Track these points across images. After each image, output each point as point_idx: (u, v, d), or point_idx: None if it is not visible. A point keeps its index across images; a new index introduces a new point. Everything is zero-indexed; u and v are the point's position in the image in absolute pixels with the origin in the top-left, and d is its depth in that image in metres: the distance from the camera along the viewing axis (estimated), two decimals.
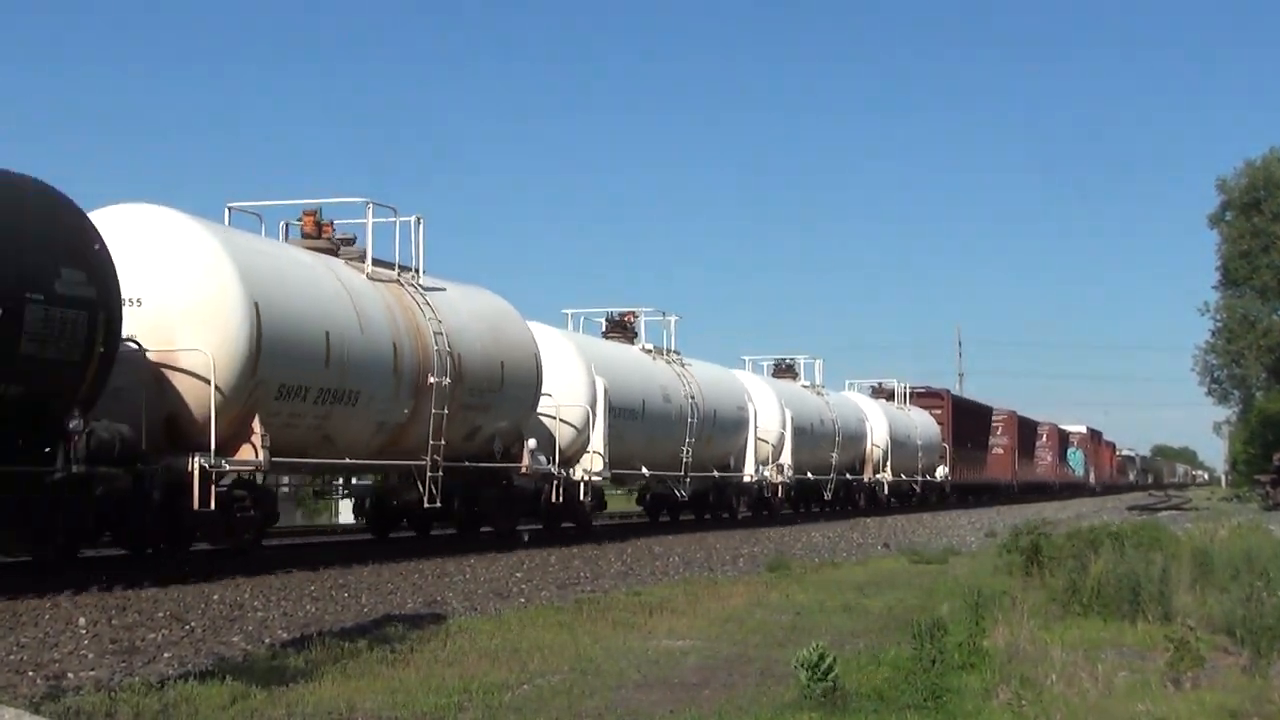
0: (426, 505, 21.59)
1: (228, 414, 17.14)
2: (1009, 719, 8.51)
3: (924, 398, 56.54)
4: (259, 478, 19.01)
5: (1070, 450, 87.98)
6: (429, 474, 21.17)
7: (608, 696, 9.29)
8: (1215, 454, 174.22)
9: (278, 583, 16.29)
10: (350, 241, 21.56)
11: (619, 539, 26.24)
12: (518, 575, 18.04)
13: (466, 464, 22.63)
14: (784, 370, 43.11)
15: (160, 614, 13.06)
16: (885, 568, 21.53)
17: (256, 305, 17.56)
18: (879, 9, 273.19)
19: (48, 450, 14.96)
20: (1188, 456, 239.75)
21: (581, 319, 28.35)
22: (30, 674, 9.68)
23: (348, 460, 20.31)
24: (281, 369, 18.05)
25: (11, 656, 10.42)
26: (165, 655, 10.72)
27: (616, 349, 30.22)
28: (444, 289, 22.76)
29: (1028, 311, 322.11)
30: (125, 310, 16.12)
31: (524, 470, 24.29)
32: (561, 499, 26.19)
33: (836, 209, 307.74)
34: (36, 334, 14.59)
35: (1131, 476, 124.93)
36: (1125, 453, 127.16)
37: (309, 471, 22.51)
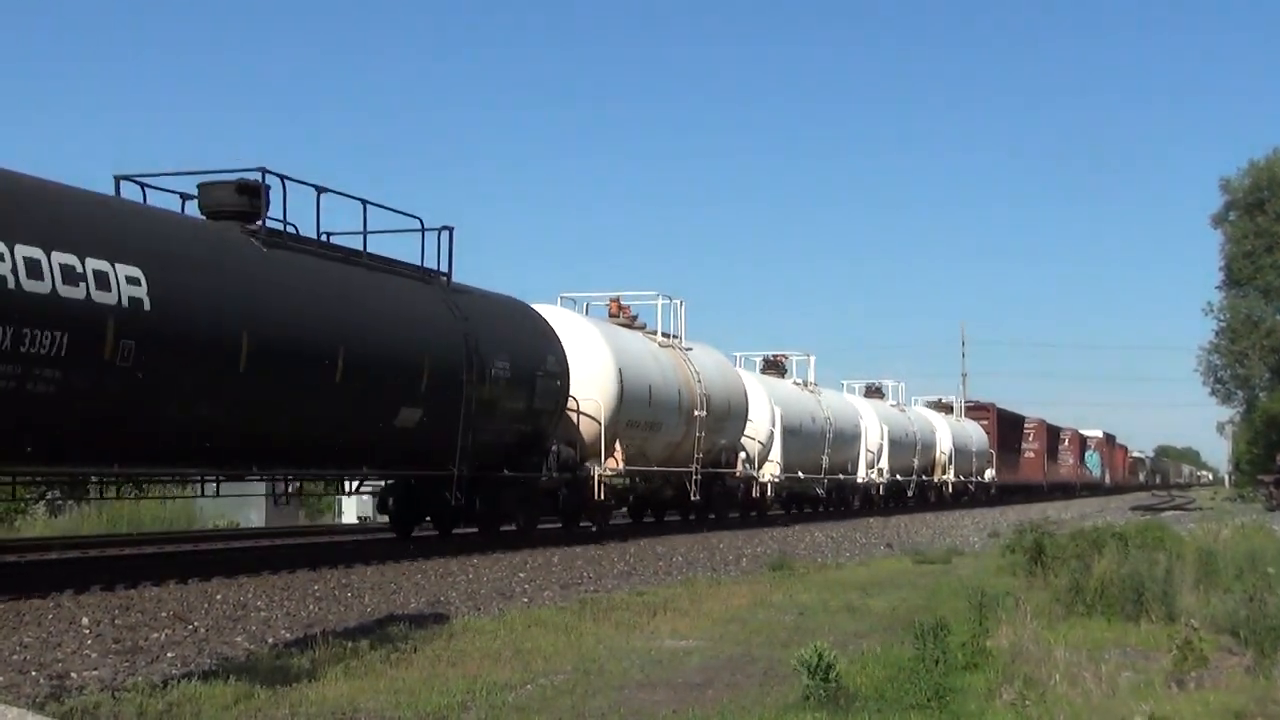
0: (694, 499, 31.31)
1: (607, 439, 26.93)
2: (1012, 719, 8.50)
3: (974, 410, 66.59)
4: (618, 480, 28.41)
5: (1088, 453, 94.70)
6: (695, 478, 30.96)
7: (611, 696, 9.29)
8: (1218, 454, 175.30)
9: (281, 582, 16.29)
10: (633, 316, 31.36)
11: (621, 539, 26.24)
12: (521, 575, 18.04)
13: (710, 470, 31.92)
14: (873, 391, 52.55)
15: (163, 613, 13.06)
16: (888, 568, 21.52)
17: (620, 371, 27.34)
18: (884, 5, 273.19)
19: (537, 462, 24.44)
20: (1191, 457, 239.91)
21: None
22: (33, 673, 9.68)
23: (655, 468, 29.78)
24: (631, 410, 27.80)
25: (15, 656, 10.42)
26: (169, 655, 10.72)
27: (781, 384, 40.96)
28: (692, 348, 32.55)
29: (1030, 311, 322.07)
30: None
31: (737, 474, 34.22)
32: (756, 494, 37.32)
33: (839, 208, 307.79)
34: (539, 394, 24.13)
35: (1141, 477, 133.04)
36: (1136, 455, 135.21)
37: (638, 475, 29.85)
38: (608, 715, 8.67)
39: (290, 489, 22.46)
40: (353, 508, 35.31)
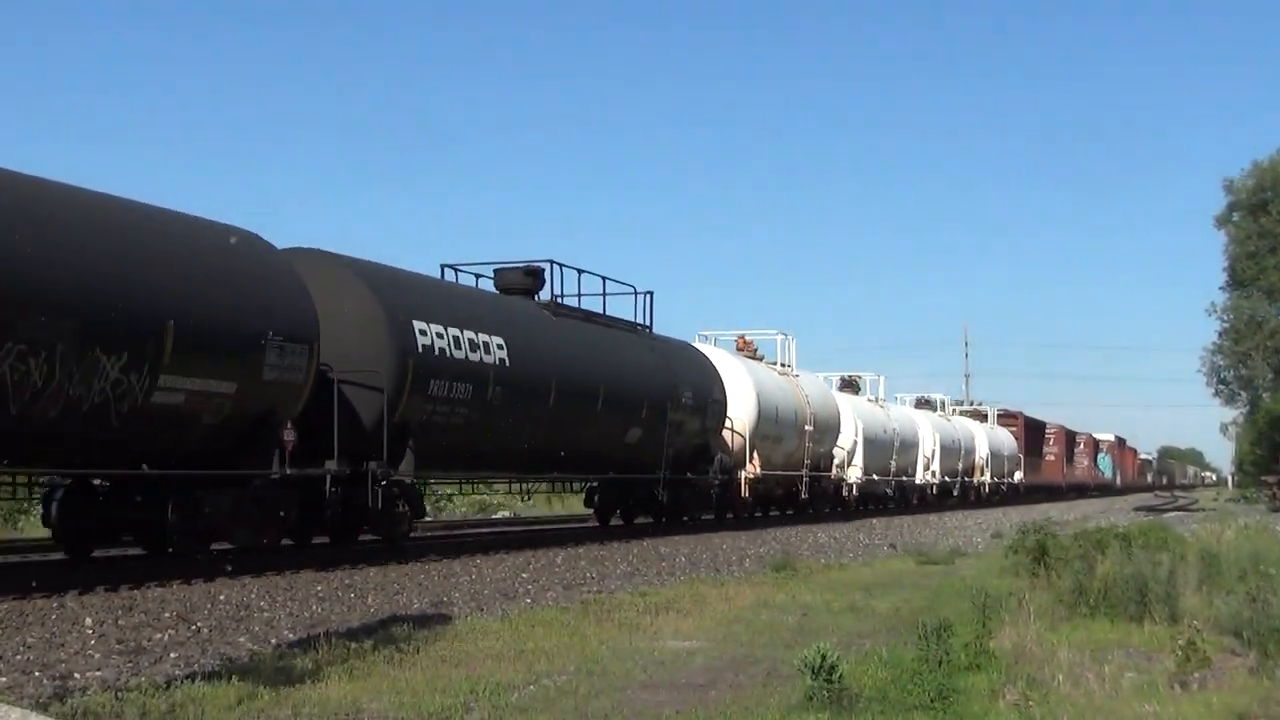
0: (803, 497, 39.27)
1: (749, 450, 34.44)
2: None
3: (1004, 418, 72.59)
4: (757, 482, 35.13)
5: (1101, 456, 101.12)
6: (804, 480, 38.77)
7: (614, 697, 9.29)
8: (1221, 455, 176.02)
9: (284, 583, 16.30)
10: (755, 349, 39.20)
11: (625, 539, 26.25)
12: (524, 576, 18.05)
13: (813, 473, 39.52)
14: (924, 403, 61.05)
15: (167, 614, 13.07)
16: (891, 569, 21.52)
17: (758, 396, 34.81)
18: (888, 6, 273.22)
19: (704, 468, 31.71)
20: (1194, 457, 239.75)
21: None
22: (37, 674, 9.69)
23: (778, 472, 36.76)
24: (764, 426, 35.28)
25: (18, 656, 10.43)
26: (172, 655, 10.73)
27: (859, 400, 48.02)
28: (800, 375, 40.53)
29: (1032, 312, 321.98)
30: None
31: (831, 476, 42.08)
32: (845, 493, 44.36)
33: (843, 208, 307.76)
34: (709, 416, 31.38)
35: (1149, 478, 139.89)
36: (1144, 457, 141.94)
37: (769, 478, 36.09)
38: (610, 716, 8.68)
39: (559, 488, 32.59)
40: None
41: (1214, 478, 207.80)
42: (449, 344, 21.29)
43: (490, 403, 22.18)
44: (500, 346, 22.65)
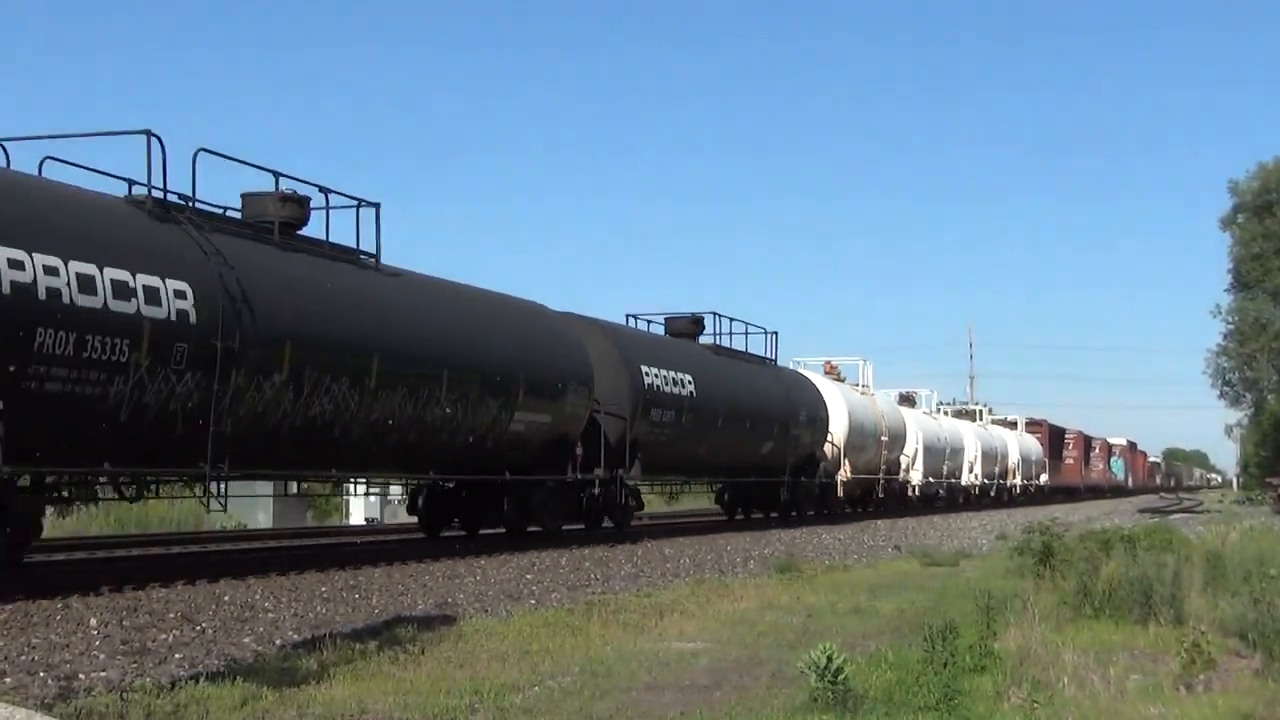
0: (879, 496, 46.69)
1: (843, 456, 41.29)
2: None
3: (1031, 426, 79.92)
4: (850, 484, 42.47)
5: (1114, 459, 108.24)
6: (880, 482, 46.27)
7: (619, 698, 9.29)
8: (1226, 457, 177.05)
9: (288, 583, 16.29)
10: (838, 372, 46.17)
11: (631, 540, 26.23)
12: (528, 577, 18.03)
13: (886, 476, 46.96)
14: (965, 414, 69.09)
15: (171, 615, 13.07)
16: (896, 570, 21.51)
17: (849, 413, 41.69)
18: (902, 11, 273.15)
19: (812, 471, 39.15)
20: (1199, 459, 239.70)
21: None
22: (42, 674, 9.69)
23: (861, 475, 43.95)
24: (853, 437, 42.22)
25: (23, 657, 10.43)
26: (176, 656, 10.73)
27: (917, 413, 54.74)
28: (875, 394, 48.35)
29: (1035, 314, 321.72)
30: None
31: (899, 479, 49.40)
32: (909, 493, 51.52)
33: (848, 208, 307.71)
34: (817, 430, 38.96)
35: (1158, 479, 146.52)
36: (1153, 459, 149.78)
37: (854, 481, 43.22)
38: (615, 717, 8.67)
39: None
40: (360, 509, 35.38)
41: (1219, 479, 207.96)
42: (662, 381, 28.48)
43: (683, 425, 29.44)
44: (691, 383, 30.07)
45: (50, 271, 14.29)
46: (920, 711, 8.60)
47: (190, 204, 17.15)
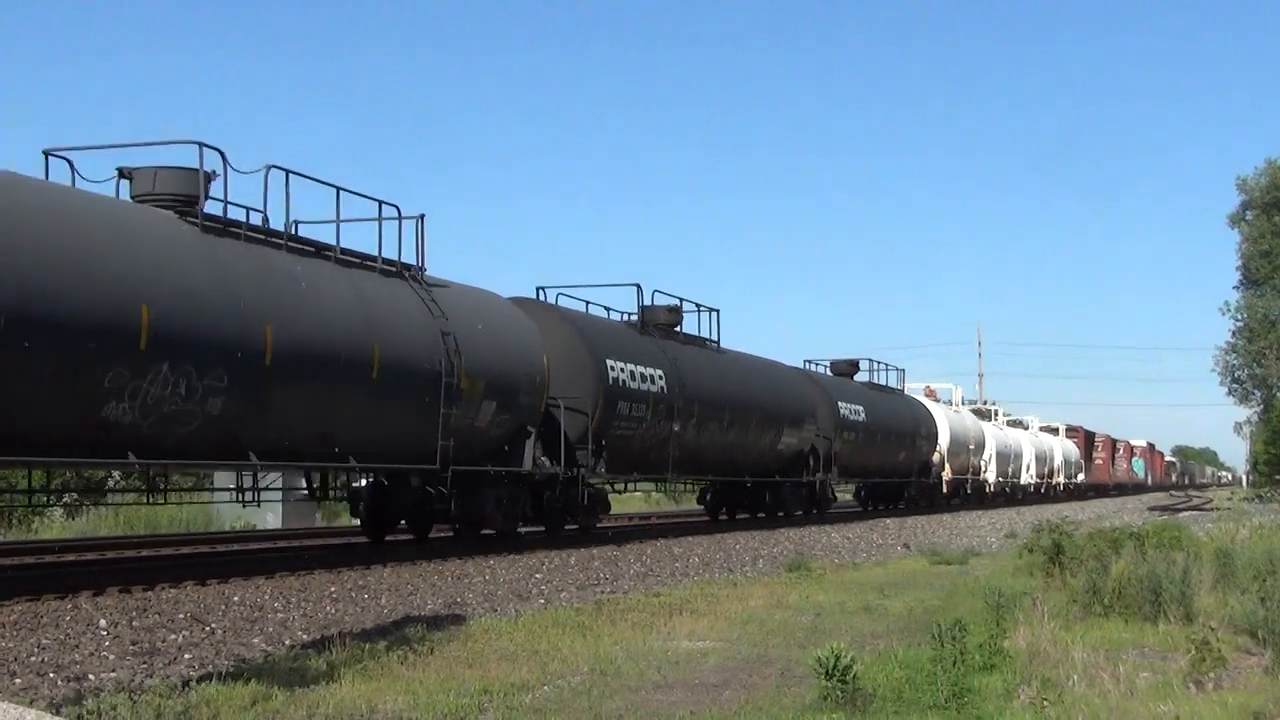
0: (968, 493, 56.49)
1: (944, 461, 51.45)
2: None
3: (1070, 431, 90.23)
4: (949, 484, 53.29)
5: (1135, 459, 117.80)
6: (969, 480, 54.50)
7: (628, 697, 9.29)
8: (1234, 454, 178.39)
9: (298, 583, 16.31)
10: (934, 393, 58.04)
11: (638, 539, 26.23)
12: (537, 576, 18.04)
13: (972, 477, 55.95)
14: (1017, 423, 78.39)
15: (180, 615, 13.09)
16: (905, 569, 21.49)
17: (950, 428, 53.01)
18: (912, 12, 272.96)
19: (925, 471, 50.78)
20: (1208, 457, 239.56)
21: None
22: (52, 675, 9.71)
23: (957, 476, 53.14)
24: (953, 447, 52.61)
25: (33, 658, 10.45)
26: (186, 656, 10.74)
27: (990, 424, 66.08)
28: (962, 410, 58.51)
29: (1044, 311, 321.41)
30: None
31: (980, 478, 58.45)
32: (987, 490, 60.99)
33: (854, 208, 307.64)
34: (926, 442, 50.13)
35: (1174, 477, 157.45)
36: (1170, 459, 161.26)
37: (953, 481, 53.83)
38: (624, 716, 8.67)
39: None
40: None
41: (1229, 477, 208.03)
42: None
43: (859, 442, 36.88)
44: (861, 411, 39.32)
45: (622, 369, 26.62)
46: (930, 710, 8.60)
47: (653, 326, 29.99)
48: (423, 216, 21.58)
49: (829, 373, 43.95)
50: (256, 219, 18.45)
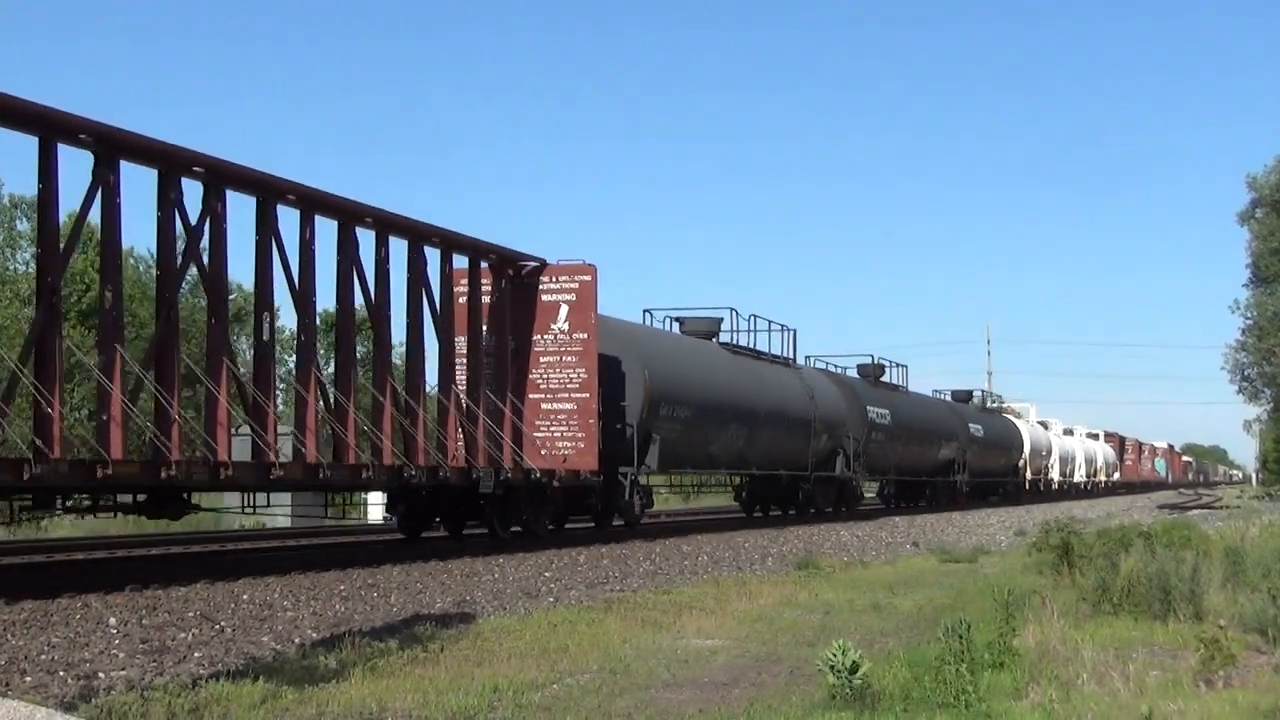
0: (1041, 489, 74.55)
1: (1027, 465, 71.75)
2: (1039, 718, 8.47)
3: (1108, 436, 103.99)
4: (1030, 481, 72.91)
5: (1157, 459, 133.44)
6: (1043, 479, 75.90)
7: (637, 696, 9.29)
8: (1244, 452, 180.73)
9: (307, 582, 16.33)
10: (1015, 411, 77.14)
11: (645, 538, 26.24)
12: (546, 575, 18.05)
13: (1044, 476, 77.72)
14: (1066, 432, 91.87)
15: (190, 614, 13.11)
16: (915, 567, 21.48)
17: (1030, 439, 70.30)
18: (921, 5, 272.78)
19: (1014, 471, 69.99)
20: (1218, 455, 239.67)
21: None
22: (61, 673, 9.72)
23: (1035, 476, 74.37)
24: (1032, 451, 71.08)
25: (43, 656, 10.48)
26: (196, 655, 10.76)
27: (1051, 433, 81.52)
28: (1034, 423, 76.63)
29: (1048, 309, 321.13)
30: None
31: (1049, 477, 77.45)
32: (1054, 487, 78.67)
33: (860, 207, 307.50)
34: (1010, 453, 67.95)
35: (1190, 475, 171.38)
36: (1186, 459, 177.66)
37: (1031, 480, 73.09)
38: (634, 714, 8.67)
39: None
40: (380, 507, 35.26)
41: (1240, 475, 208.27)
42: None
43: (967, 459, 48.59)
44: (975, 431, 54.28)
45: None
46: (938, 708, 8.59)
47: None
48: (795, 331, 39.69)
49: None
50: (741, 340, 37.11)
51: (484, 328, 25.02)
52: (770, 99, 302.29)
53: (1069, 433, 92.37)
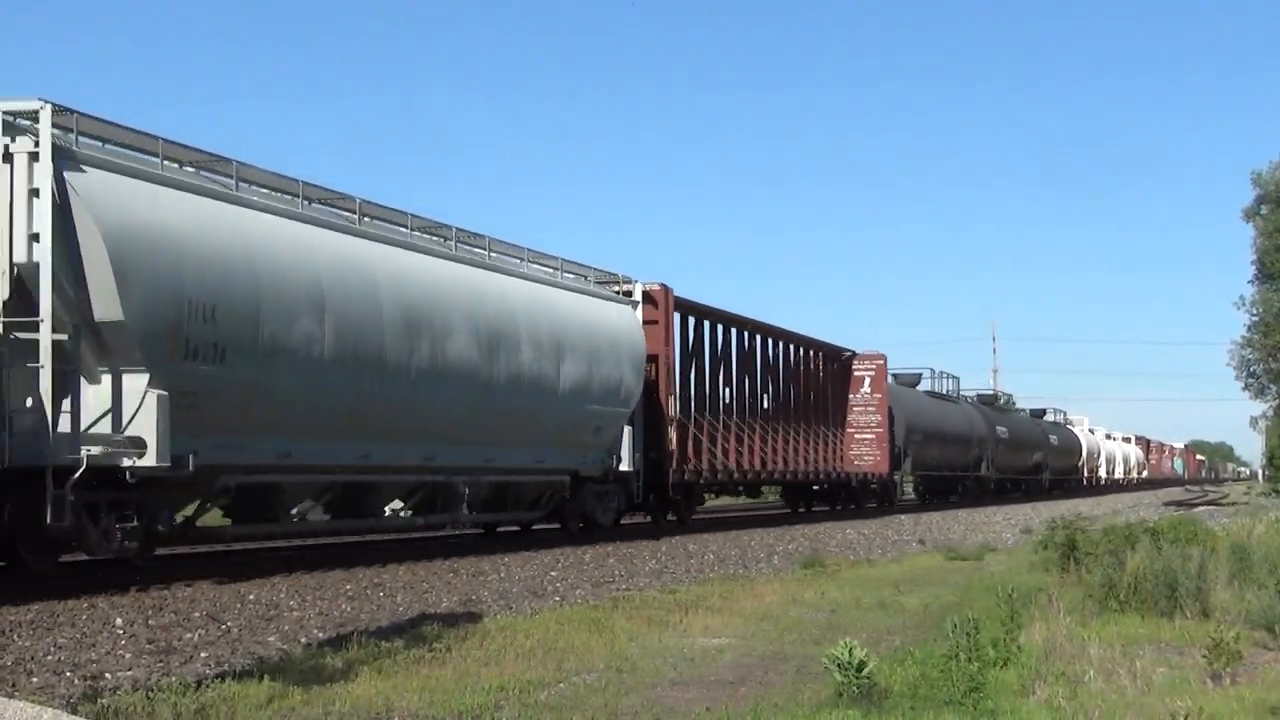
0: (1087, 484, 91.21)
1: (1084, 464, 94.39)
2: (1046, 716, 8.46)
3: (1138, 439, 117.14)
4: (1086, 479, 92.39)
5: (1175, 459, 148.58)
6: (1088, 477, 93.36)
7: (644, 694, 9.29)
8: (1250, 449, 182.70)
9: (313, 582, 16.34)
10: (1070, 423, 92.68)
11: (650, 537, 26.25)
12: (552, 574, 18.05)
13: (1094, 475, 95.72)
14: (1109, 437, 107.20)
15: (196, 614, 13.12)
16: (921, 565, 21.47)
17: (1084, 444, 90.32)
18: (930, 4, 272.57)
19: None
20: (1224, 452, 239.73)
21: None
22: (68, 674, 9.72)
23: (1086, 476, 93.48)
24: (1085, 455, 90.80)
25: (49, 657, 10.48)
26: (202, 655, 10.76)
27: (1096, 436, 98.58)
28: (1089, 428, 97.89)
29: (1053, 306, 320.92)
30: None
31: (1102, 473, 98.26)
32: (1095, 482, 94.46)
33: (861, 207, 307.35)
34: (1066, 455, 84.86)
35: (1203, 473, 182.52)
36: (1199, 458, 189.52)
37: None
38: (640, 713, 8.67)
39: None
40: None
41: (1248, 472, 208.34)
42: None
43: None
44: (1038, 435, 73.26)
45: None
46: (945, 706, 8.58)
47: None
48: (958, 378, 55.10)
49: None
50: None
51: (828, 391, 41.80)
52: (770, 99, 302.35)
53: (1110, 438, 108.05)
